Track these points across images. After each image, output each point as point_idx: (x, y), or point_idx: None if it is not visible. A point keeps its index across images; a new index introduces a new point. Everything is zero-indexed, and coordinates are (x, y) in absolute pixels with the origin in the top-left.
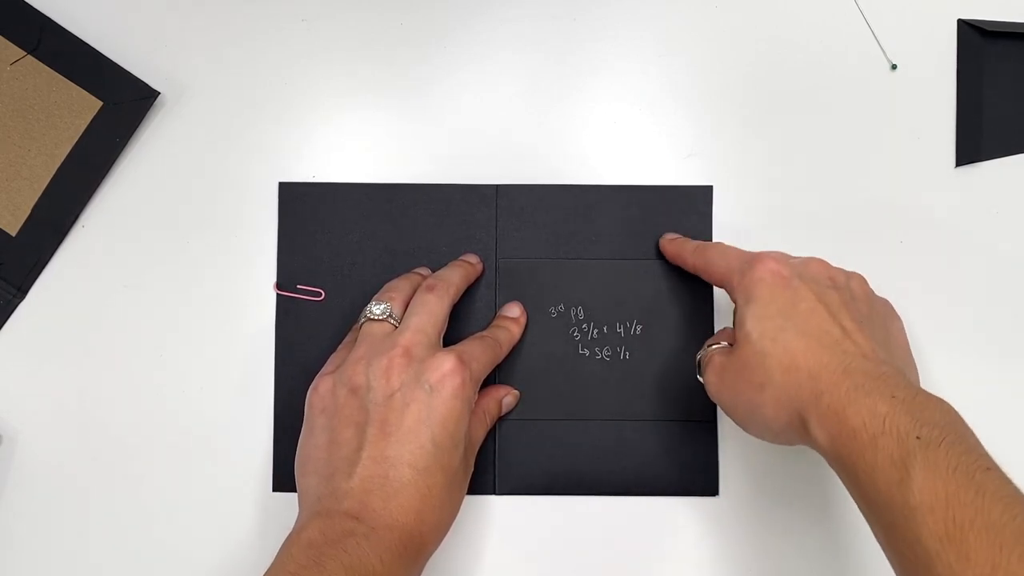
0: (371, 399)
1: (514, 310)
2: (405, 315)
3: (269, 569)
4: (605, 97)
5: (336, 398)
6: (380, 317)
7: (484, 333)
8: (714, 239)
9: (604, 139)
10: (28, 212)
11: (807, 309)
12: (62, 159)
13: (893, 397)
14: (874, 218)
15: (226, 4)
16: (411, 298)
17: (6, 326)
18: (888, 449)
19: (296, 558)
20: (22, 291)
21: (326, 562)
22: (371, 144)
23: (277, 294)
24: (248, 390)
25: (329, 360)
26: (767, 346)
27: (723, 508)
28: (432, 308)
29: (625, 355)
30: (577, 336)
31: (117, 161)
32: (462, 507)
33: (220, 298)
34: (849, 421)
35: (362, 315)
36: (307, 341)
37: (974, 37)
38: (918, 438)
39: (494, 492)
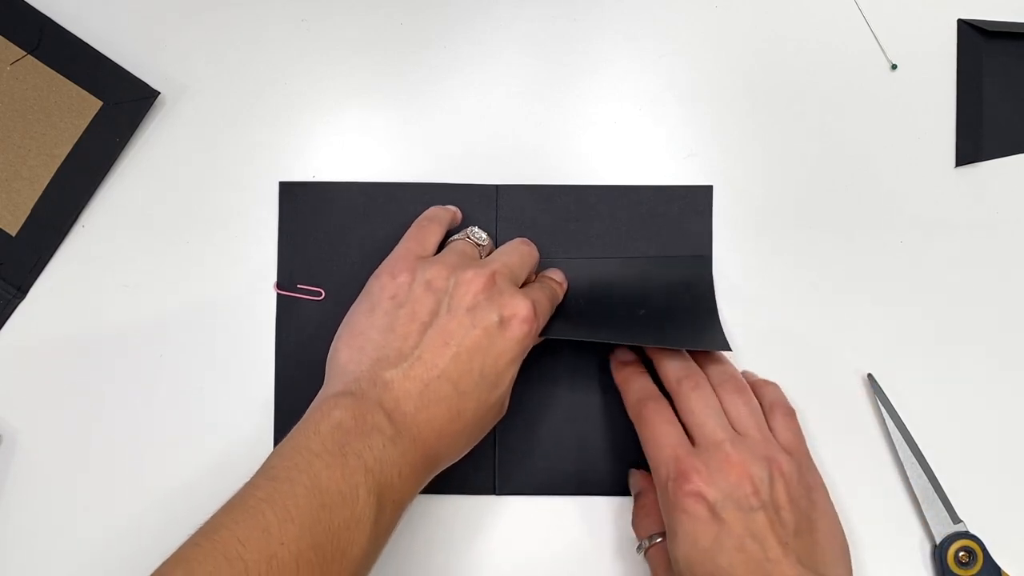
0: (444, 306)
1: (558, 274)
2: (496, 252)
3: (294, 432)
4: (605, 97)
5: (412, 291)
6: (481, 243)
7: (544, 285)
8: (714, 239)
9: (604, 139)
10: (28, 212)
11: (733, 547)
12: (62, 159)
13: None
14: (874, 218)
15: (226, 4)
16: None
17: (6, 326)
18: None
19: (322, 436)
20: (22, 291)
21: (349, 456)
22: (371, 144)
23: (277, 294)
24: (248, 390)
25: (402, 250)
26: None
27: None
28: (524, 254)
29: None
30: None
31: (117, 161)
32: (462, 508)
33: (220, 298)
34: None
35: (461, 233)
36: (307, 341)
37: (974, 37)
38: None
39: (494, 492)
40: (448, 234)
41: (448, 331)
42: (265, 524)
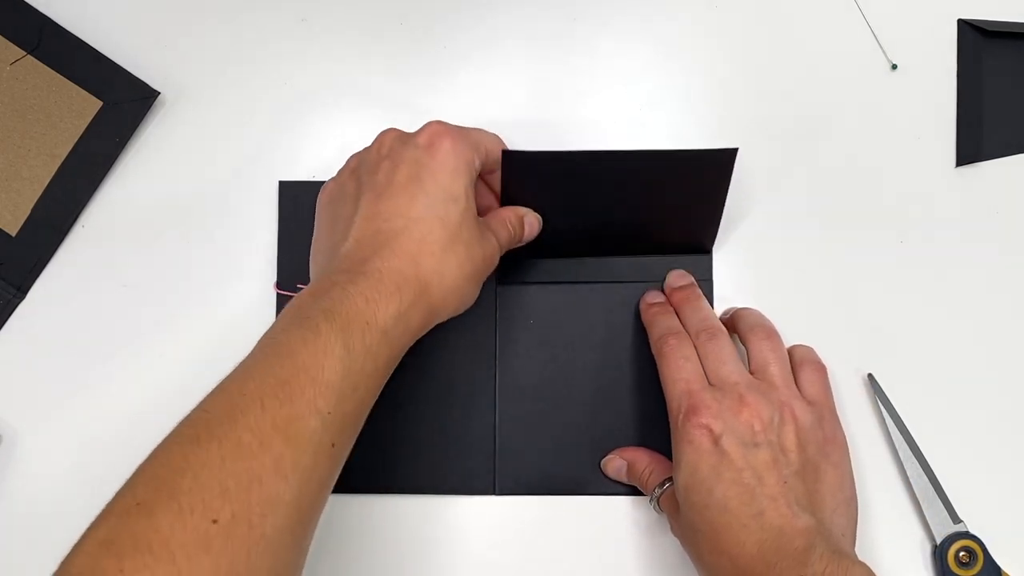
0: (364, 171)
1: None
2: None
3: (260, 341)
4: (605, 97)
5: (339, 184)
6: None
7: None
8: (718, 233)
9: (604, 139)
10: (28, 212)
11: (730, 479)
12: (62, 159)
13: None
14: (874, 218)
15: (226, 4)
16: None
17: (6, 326)
18: None
19: (281, 320)
20: (22, 291)
21: (307, 312)
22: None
23: (277, 294)
24: None
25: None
26: (695, 520)
27: None
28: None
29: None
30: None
31: (117, 161)
32: (461, 508)
33: (220, 298)
34: None
35: None
36: None
37: (974, 37)
38: None
39: (493, 492)
40: None
41: (375, 183)
42: (227, 393)
